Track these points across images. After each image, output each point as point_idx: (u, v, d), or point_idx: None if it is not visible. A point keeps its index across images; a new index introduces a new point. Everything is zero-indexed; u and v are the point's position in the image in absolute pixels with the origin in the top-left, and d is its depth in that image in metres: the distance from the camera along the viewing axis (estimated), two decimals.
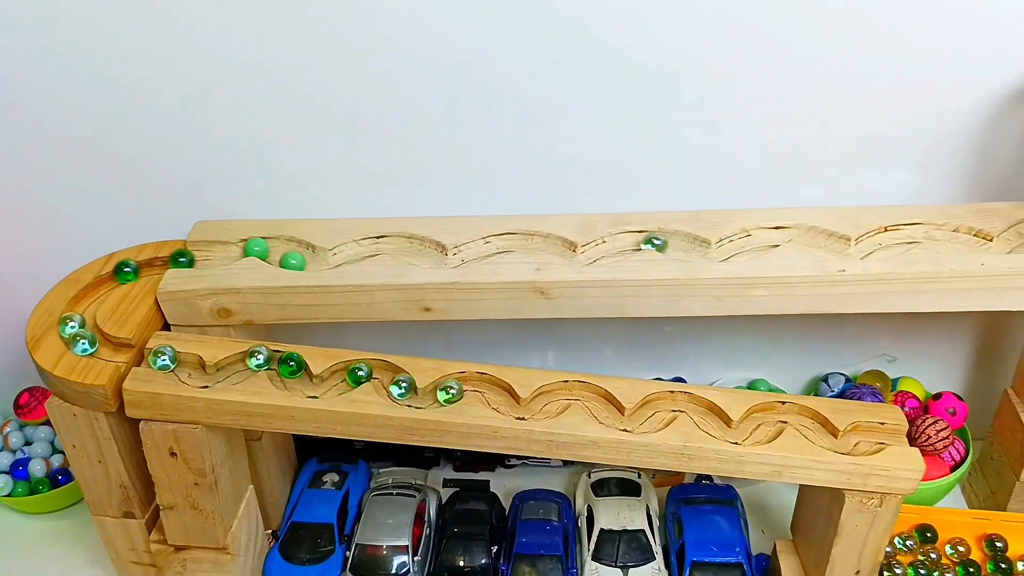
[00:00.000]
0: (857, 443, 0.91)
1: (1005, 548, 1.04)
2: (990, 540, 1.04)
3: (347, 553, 1.09)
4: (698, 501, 1.13)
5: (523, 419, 0.91)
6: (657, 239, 0.95)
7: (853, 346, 1.24)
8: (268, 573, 1.09)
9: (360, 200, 1.07)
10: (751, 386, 1.24)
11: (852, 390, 1.16)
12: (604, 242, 0.99)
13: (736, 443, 0.90)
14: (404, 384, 0.90)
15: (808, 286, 0.93)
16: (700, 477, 1.22)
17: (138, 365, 0.92)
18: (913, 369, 1.22)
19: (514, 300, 0.95)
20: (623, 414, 0.92)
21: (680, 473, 1.23)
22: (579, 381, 0.94)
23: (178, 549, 1.01)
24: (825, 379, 1.22)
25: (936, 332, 1.21)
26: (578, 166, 1.06)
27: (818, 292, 0.93)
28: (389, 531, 1.09)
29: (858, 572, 0.96)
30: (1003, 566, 1.02)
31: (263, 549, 1.11)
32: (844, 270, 0.92)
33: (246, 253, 0.99)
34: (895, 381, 1.21)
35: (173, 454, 0.92)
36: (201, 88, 1.00)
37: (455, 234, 1.00)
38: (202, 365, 0.92)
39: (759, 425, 0.93)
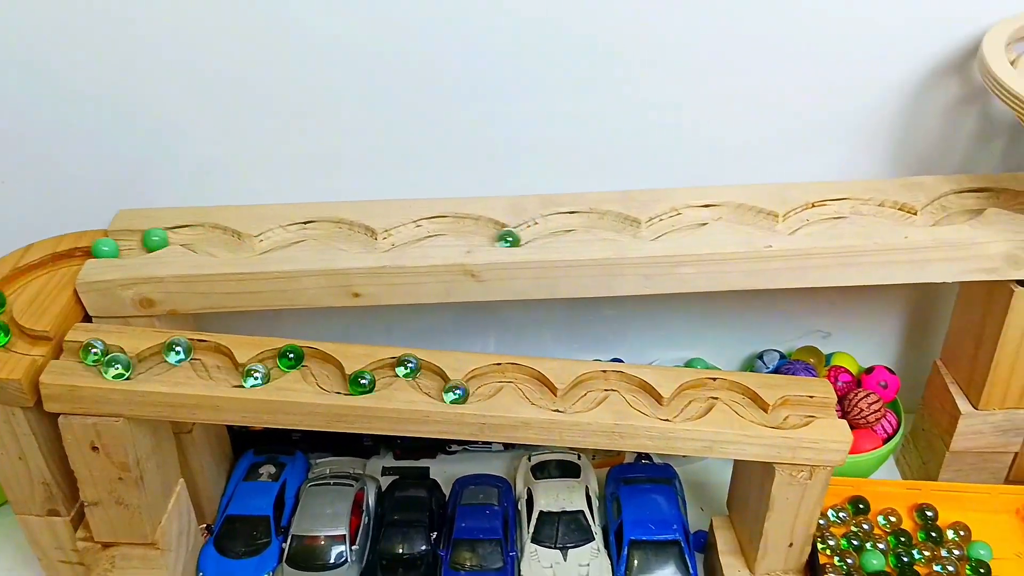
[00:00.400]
0: (787, 417, 0.92)
1: (935, 517, 1.06)
2: (921, 510, 1.06)
3: (283, 545, 1.07)
4: (637, 480, 1.13)
5: (462, 403, 0.90)
6: (510, 236, 0.94)
7: (788, 323, 1.25)
8: (202, 568, 1.07)
9: (287, 185, 1.05)
10: (688, 365, 1.24)
11: (786, 366, 1.18)
12: (536, 223, 0.99)
13: (667, 420, 0.91)
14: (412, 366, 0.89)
15: (736, 262, 0.93)
16: (640, 457, 1.22)
17: (57, 358, 0.89)
18: (847, 344, 1.24)
19: (445, 283, 0.94)
20: (556, 395, 0.92)
21: (620, 453, 1.23)
22: (511, 363, 0.94)
23: (105, 546, 0.98)
24: (760, 356, 1.23)
25: (869, 307, 1.23)
26: (510, 148, 1.05)
27: (746, 268, 0.94)
28: (326, 521, 1.08)
29: (791, 545, 0.98)
30: (933, 535, 1.04)
31: (197, 544, 1.08)
32: (771, 246, 0.93)
33: (144, 245, 0.97)
34: (829, 356, 1.22)
35: (95, 448, 0.89)
36: (121, 74, 0.97)
37: (384, 218, 0.99)
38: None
39: (690, 402, 0.93)
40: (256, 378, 0.88)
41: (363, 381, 0.90)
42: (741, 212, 0.99)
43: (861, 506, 1.06)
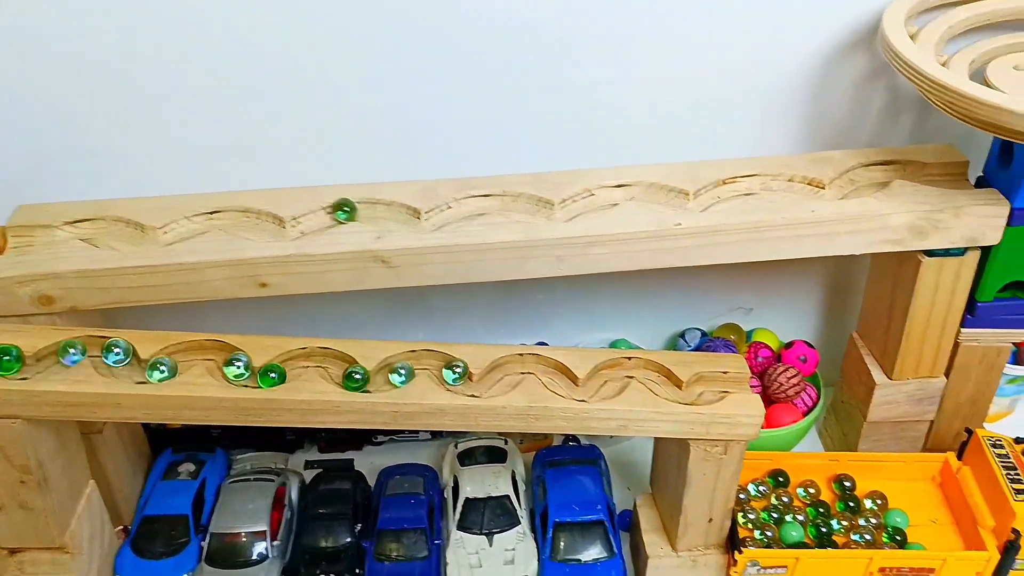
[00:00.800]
0: (701, 393, 0.93)
1: (853, 487, 1.07)
2: (839, 480, 1.08)
3: (203, 544, 1.05)
4: (562, 463, 1.13)
5: (368, 391, 0.88)
6: (347, 207, 0.92)
7: (711, 300, 1.26)
8: (119, 570, 1.04)
9: (192, 176, 1.02)
10: (613, 346, 1.24)
11: (707, 343, 1.18)
12: (449, 208, 0.97)
13: (583, 401, 0.90)
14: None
15: (646, 241, 0.93)
16: (567, 439, 1.22)
17: None
18: (768, 320, 1.25)
19: (355, 271, 0.92)
20: (472, 380, 0.91)
21: (548, 437, 1.23)
22: (426, 350, 0.92)
23: (12, 552, 0.95)
24: (682, 335, 1.24)
25: (788, 283, 1.24)
26: (421, 131, 1.04)
27: (657, 247, 0.94)
28: (245, 517, 1.06)
29: (711, 520, 0.98)
30: (851, 504, 1.05)
31: (112, 546, 1.05)
32: (680, 224, 0.93)
33: None
34: (750, 333, 1.23)
35: None
36: (13, 69, 0.93)
37: (294, 206, 0.96)
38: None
39: (606, 382, 0.93)
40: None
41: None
42: (653, 191, 0.98)
43: (781, 479, 1.07)
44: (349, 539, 1.06)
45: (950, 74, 0.86)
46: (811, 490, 1.07)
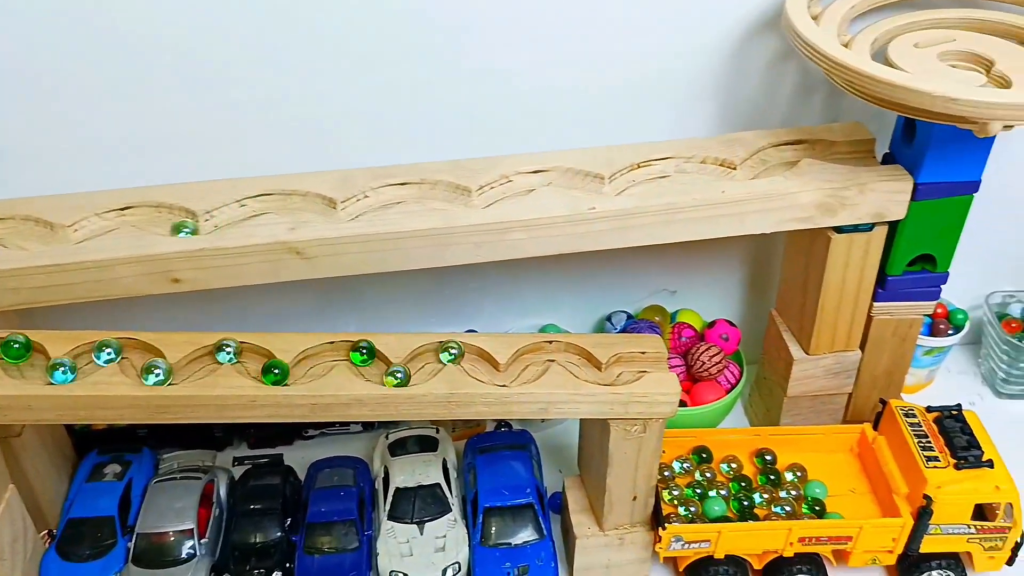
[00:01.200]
0: (620, 374, 0.94)
1: (774, 460, 1.10)
2: (760, 454, 1.10)
3: (129, 545, 1.04)
4: (492, 448, 1.14)
5: (286, 384, 0.88)
6: (187, 226, 0.92)
7: (636, 284, 1.27)
8: (44, 574, 1.02)
9: (104, 172, 1.00)
10: (542, 331, 1.25)
11: (632, 325, 1.20)
12: (367, 197, 0.97)
13: (504, 386, 0.91)
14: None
15: (562, 226, 0.94)
16: (499, 425, 1.23)
17: None
18: (692, 301, 1.27)
19: (270, 263, 0.92)
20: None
21: (480, 423, 1.24)
22: (344, 341, 0.92)
23: None
24: (609, 318, 1.25)
25: (711, 264, 1.26)
26: (337, 121, 1.03)
27: (573, 231, 0.94)
28: (172, 516, 1.05)
29: (635, 498, 1.00)
30: (772, 477, 1.08)
31: (37, 551, 1.03)
32: (595, 208, 0.94)
33: None
34: (674, 314, 1.25)
35: None
36: None
37: (207, 199, 0.95)
38: None
39: (528, 366, 0.94)
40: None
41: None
42: (570, 176, 0.99)
43: (704, 455, 1.09)
44: (279, 534, 1.06)
45: (848, 54, 0.88)
46: (733, 465, 1.09)
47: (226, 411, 0.87)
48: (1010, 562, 1.03)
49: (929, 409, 1.05)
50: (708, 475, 1.07)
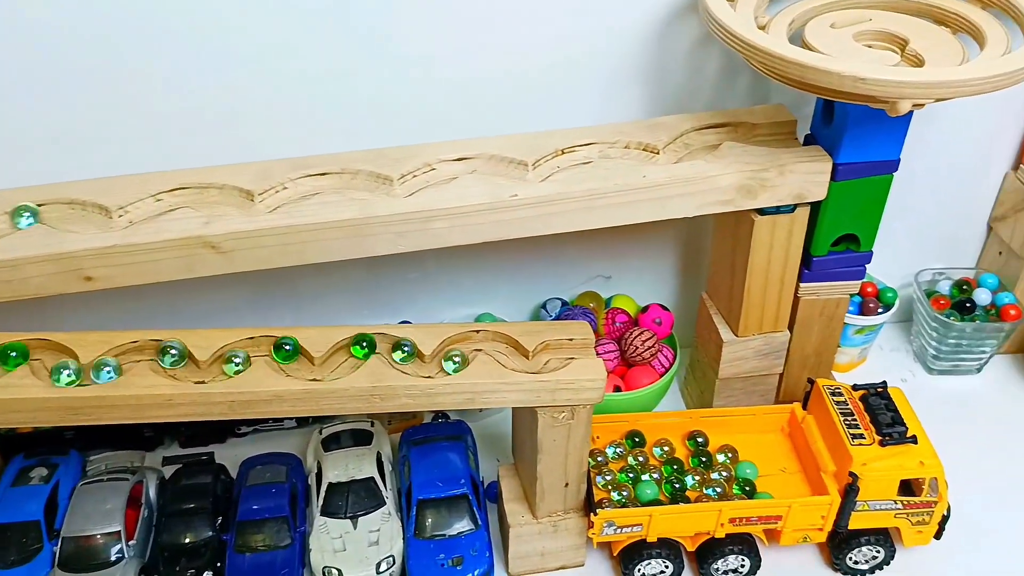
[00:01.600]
0: (548, 361, 0.93)
1: (706, 442, 1.10)
2: (692, 437, 1.11)
3: (55, 549, 1.02)
4: (427, 440, 1.13)
5: (203, 382, 0.86)
6: (28, 210, 0.89)
7: (571, 270, 1.27)
8: None
9: (12, 168, 0.97)
10: (478, 321, 1.25)
11: (567, 312, 1.20)
12: (285, 188, 0.95)
13: (429, 377, 0.90)
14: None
15: (484, 213, 0.93)
16: (436, 416, 1.22)
17: None
18: (627, 287, 1.28)
19: (184, 259, 0.89)
20: (314, 364, 0.90)
21: (417, 415, 1.23)
22: (265, 336, 0.91)
23: None
24: (544, 305, 1.25)
25: (645, 249, 1.26)
26: (256, 113, 1.02)
27: (495, 219, 0.94)
28: (98, 519, 1.03)
29: (567, 484, 1.00)
30: (704, 459, 1.08)
31: None
32: (517, 195, 0.93)
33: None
34: (609, 300, 1.25)
35: None
36: None
37: (120, 195, 0.92)
38: None
39: (455, 356, 0.93)
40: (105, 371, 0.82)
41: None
42: (494, 163, 0.98)
43: (637, 439, 1.10)
44: (209, 533, 1.04)
45: (761, 35, 0.88)
46: (666, 448, 1.09)
47: (141, 411, 0.85)
48: (938, 536, 1.05)
49: (855, 387, 1.06)
50: (641, 459, 1.08)
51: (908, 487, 1.01)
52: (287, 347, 0.89)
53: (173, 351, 0.88)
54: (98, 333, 0.88)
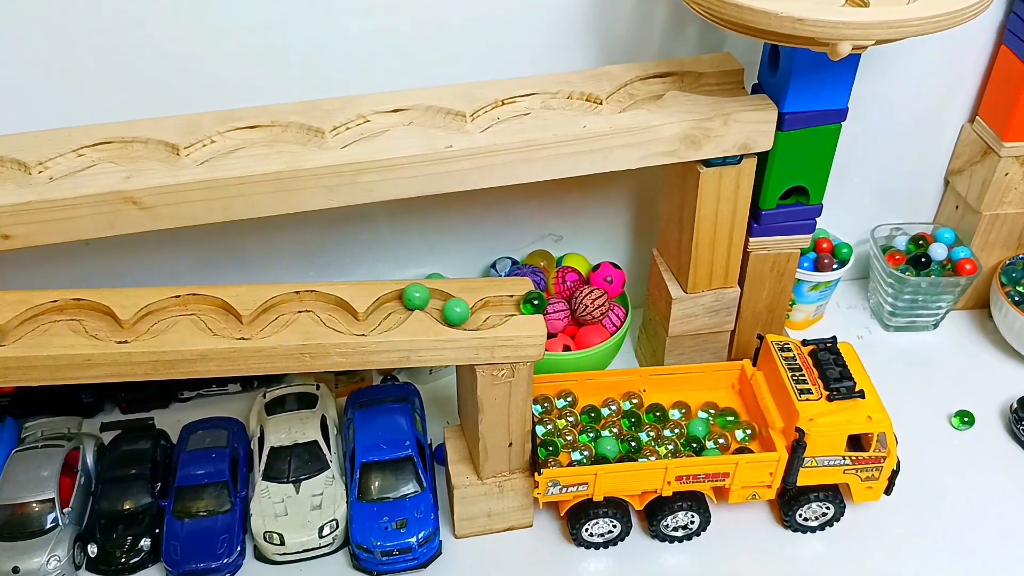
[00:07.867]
0: (487, 318, 0.91)
1: (641, 404, 1.08)
2: (628, 397, 1.08)
3: None
4: (372, 403, 1.11)
5: (125, 342, 0.83)
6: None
7: (523, 229, 1.24)
8: None
9: None
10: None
11: (516, 271, 1.17)
12: (213, 142, 0.92)
13: (362, 335, 0.88)
14: None
15: (419, 166, 0.90)
16: (384, 378, 1.20)
17: None
18: (578, 245, 1.25)
19: (104, 215, 0.86)
20: (242, 322, 0.87)
21: (364, 378, 1.20)
22: (192, 295, 0.88)
23: None
24: (493, 265, 1.22)
25: (597, 207, 1.23)
26: (182, 64, 0.98)
27: (430, 172, 0.91)
28: (31, 486, 1.01)
29: (511, 444, 0.98)
30: (658, 414, 1.06)
31: None
32: (452, 146, 0.90)
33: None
34: (561, 258, 1.23)
35: None
36: None
37: (39, 150, 0.89)
38: None
39: (391, 314, 0.90)
40: None
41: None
42: (431, 115, 0.95)
43: (569, 400, 1.07)
44: (148, 500, 1.02)
45: None
46: (614, 407, 1.07)
47: (60, 372, 0.82)
48: (888, 491, 1.04)
49: (805, 343, 1.05)
50: (592, 415, 1.06)
51: (857, 442, 1.00)
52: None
53: None
54: (17, 293, 0.84)
